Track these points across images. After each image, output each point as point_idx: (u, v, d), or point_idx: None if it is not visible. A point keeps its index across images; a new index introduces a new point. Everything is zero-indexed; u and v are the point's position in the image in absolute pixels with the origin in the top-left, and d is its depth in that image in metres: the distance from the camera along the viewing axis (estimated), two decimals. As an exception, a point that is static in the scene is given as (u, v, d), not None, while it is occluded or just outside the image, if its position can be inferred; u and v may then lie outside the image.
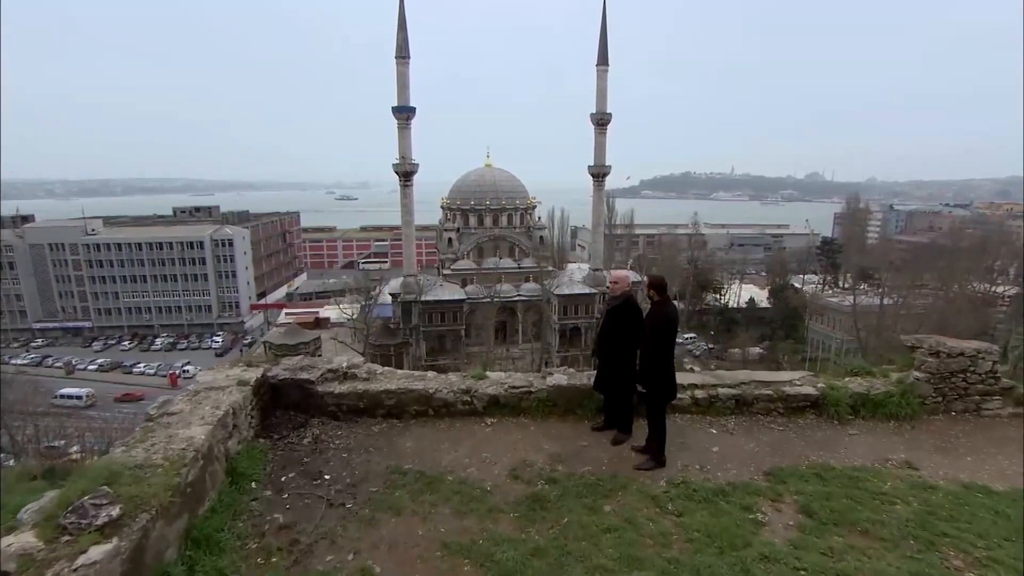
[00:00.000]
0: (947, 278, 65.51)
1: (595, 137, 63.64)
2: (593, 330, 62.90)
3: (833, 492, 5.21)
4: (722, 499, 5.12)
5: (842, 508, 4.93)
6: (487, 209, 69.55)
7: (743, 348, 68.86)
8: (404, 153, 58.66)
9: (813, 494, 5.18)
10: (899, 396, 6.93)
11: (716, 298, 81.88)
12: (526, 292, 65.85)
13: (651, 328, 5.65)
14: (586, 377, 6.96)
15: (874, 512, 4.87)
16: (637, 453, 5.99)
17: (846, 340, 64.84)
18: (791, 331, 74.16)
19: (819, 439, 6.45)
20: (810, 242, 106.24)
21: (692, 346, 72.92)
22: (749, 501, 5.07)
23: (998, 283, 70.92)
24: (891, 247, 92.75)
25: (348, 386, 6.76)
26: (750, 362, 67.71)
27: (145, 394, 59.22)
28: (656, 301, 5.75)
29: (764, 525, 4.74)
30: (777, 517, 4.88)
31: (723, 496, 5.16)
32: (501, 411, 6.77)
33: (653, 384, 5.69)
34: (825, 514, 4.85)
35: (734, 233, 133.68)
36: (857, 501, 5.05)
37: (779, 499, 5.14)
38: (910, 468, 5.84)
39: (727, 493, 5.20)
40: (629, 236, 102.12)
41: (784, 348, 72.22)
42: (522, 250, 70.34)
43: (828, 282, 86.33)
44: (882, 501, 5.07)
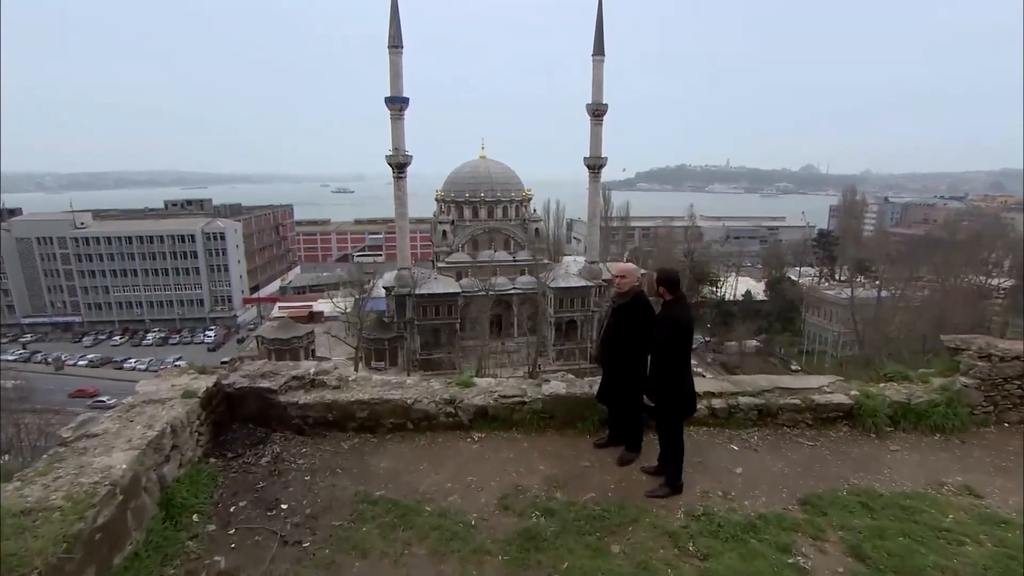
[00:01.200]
0: (943, 271, 65.12)
1: (591, 128, 62.70)
2: (589, 324, 62.23)
3: (885, 527, 4.36)
4: (753, 536, 4.27)
5: (900, 550, 4.08)
6: (482, 201, 68.49)
7: (740, 341, 68.35)
8: (398, 144, 57.61)
9: (862, 530, 4.33)
10: (945, 405, 6.09)
11: (712, 291, 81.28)
12: (521, 285, 64.97)
13: (662, 332, 4.79)
14: (587, 385, 6.10)
15: (941, 556, 4.02)
16: (648, 476, 5.15)
17: (843, 333, 64.48)
18: (788, 324, 73.74)
19: (857, 456, 5.60)
20: (806, 234, 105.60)
21: (688, 339, 72.05)
22: (786, 539, 4.22)
23: (993, 276, 70.65)
24: (887, 239, 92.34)
25: (315, 395, 5.88)
26: (747, 355, 67.37)
27: (99, 390, 57.01)
28: (668, 300, 4.88)
29: (807, 573, 3.89)
30: (822, 561, 4.03)
31: (754, 532, 4.31)
32: (490, 424, 5.91)
33: (665, 398, 4.83)
34: (881, 558, 4.00)
35: (730, 225, 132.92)
36: (917, 540, 4.20)
37: (821, 536, 4.29)
38: (971, 495, 4.98)
39: (758, 528, 4.35)
40: (625, 228, 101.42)
41: (781, 341, 71.86)
42: (517, 243, 69.39)
43: (824, 275, 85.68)
44: (947, 540, 4.22)
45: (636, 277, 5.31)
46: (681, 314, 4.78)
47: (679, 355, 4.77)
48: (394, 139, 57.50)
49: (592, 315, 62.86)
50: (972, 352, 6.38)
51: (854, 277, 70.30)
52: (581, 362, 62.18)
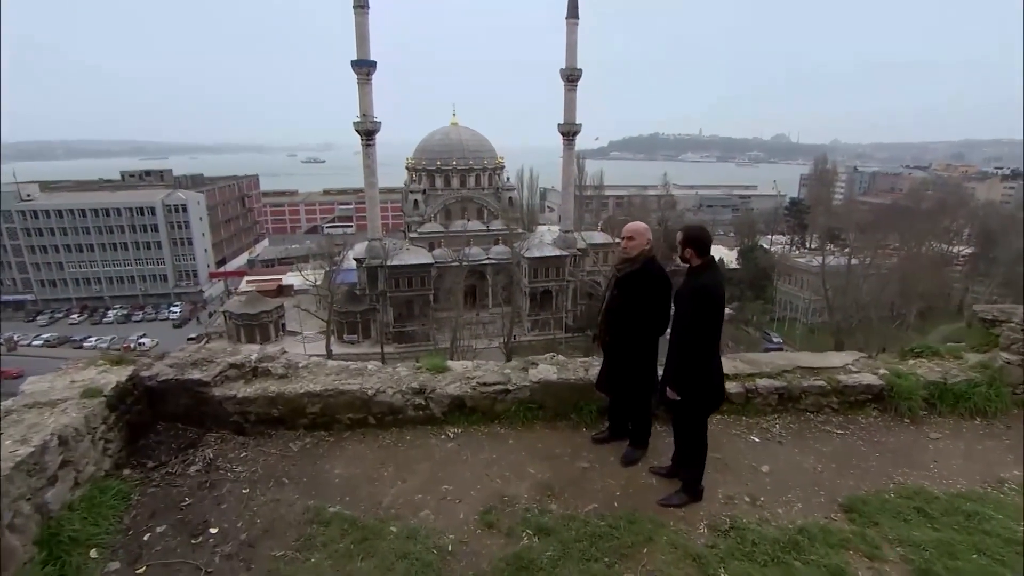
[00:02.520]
0: (909, 239, 66.24)
1: (565, 94, 61.13)
2: (563, 294, 61.68)
3: (952, 541, 3.60)
4: (796, 557, 3.47)
5: (977, 571, 3.32)
6: (454, 170, 66.63)
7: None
8: (365, 110, 55.29)
9: (925, 545, 3.57)
10: (986, 385, 5.37)
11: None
12: (495, 255, 63.82)
13: (689, 307, 3.86)
14: (582, 368, 5.21)
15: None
16: (659, 478, 4.31)
17: (813, 300, 65.39)
18: (760, 291, 74.29)
19: (895, 447, 4.85)
20: (777, 203, 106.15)
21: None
22: (836, 560, 3.43)
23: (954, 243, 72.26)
24: (856, 208, 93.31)
25: (258, 387, 4.87)
26: (721, 323, 67.70)
27: (23, 370, 46.15)
28: (695, 266, 3.94)
29: (874, 609, 3.11)
30: (886, 590, 3.25)
31: (797, 552, 3.51)
32: (468, 418, 4.98)
33: (692, 389, 3.93)
34: (959, 585, 3.23)
35: (703, 194, 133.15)
36: (995, 558, 3.44)
37: (878, 555, 3.51)
38: None
39: (801, 547, 3.55)
40: (599, 197, 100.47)
41: (754, 308, 72.47)
42: (491, 212, 67.98)
43: (796, 243, 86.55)
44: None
45: (647, 239, 4.36)
46: (713, 284, 3.83)
47: (709, 336, 3.86)
48: (362, 105, 55.16)
49: (567, 285, 62.32)
50: (1014, 324, 5.66)
51: (825, 245, 71.00)
52: (556, 332, 61.88)
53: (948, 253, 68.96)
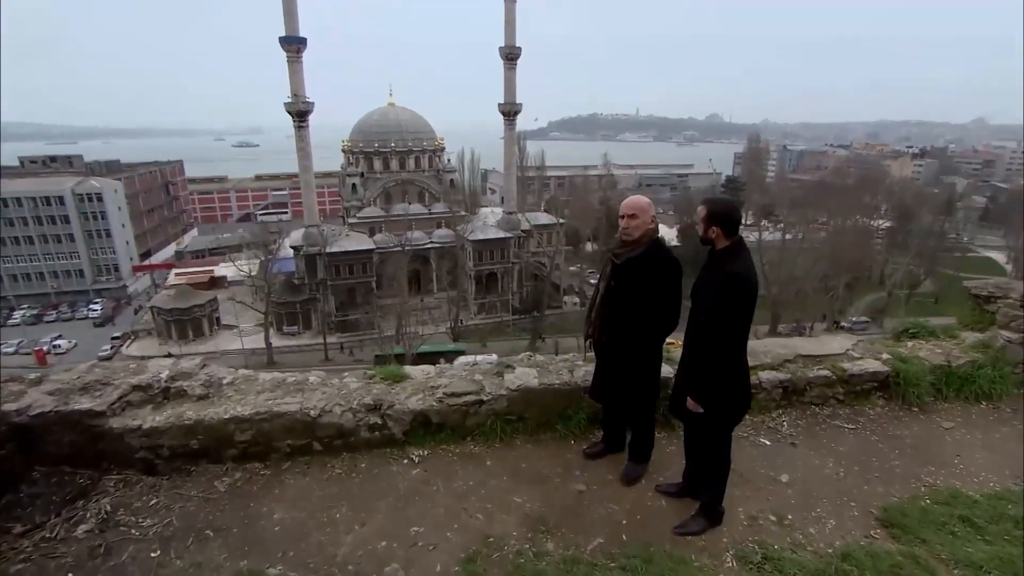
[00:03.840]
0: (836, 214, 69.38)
1: (504, 72, 59.97)
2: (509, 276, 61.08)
3: (1008, 555, 3.14)
4: None
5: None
6: (392, 152, 64.33)
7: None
8: (297, 90, 52.36)
9: (982, 563, 3.08)
10: (991, 367, 5.02)
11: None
12: (439, 239, 62.36)
13: (719, 300, 3.11)
14: (566, 370, 4.48)
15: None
16: (668, 498, 3.66)
17: (751, 274, 67.47)
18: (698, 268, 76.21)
19: (912, 442, 4.41)
20: (714, 181, 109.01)
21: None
22: None
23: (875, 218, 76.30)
24: (787, 185, 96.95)
25: (171, 413, 3.89)
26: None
27: None
28: (722, 248, 3.24)
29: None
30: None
31: None
32: (434, 437, 4.17)
33: (718, 397, 3.27)
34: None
35: (642, 173, 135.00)
36: None
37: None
38: None
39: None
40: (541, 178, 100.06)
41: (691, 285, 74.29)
42: (432, 195, 66.26)
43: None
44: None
45: (651, 216, 3.64)
46: (747, 271, 3.13)
47: (741, 334, 3.19)
48: (292, 84, 52.15)
49: (512, 266, 61.72)
50: (1012, 301, 5.34)
51: (760, 221, 73.34)
52: (503, 314, 61.36)
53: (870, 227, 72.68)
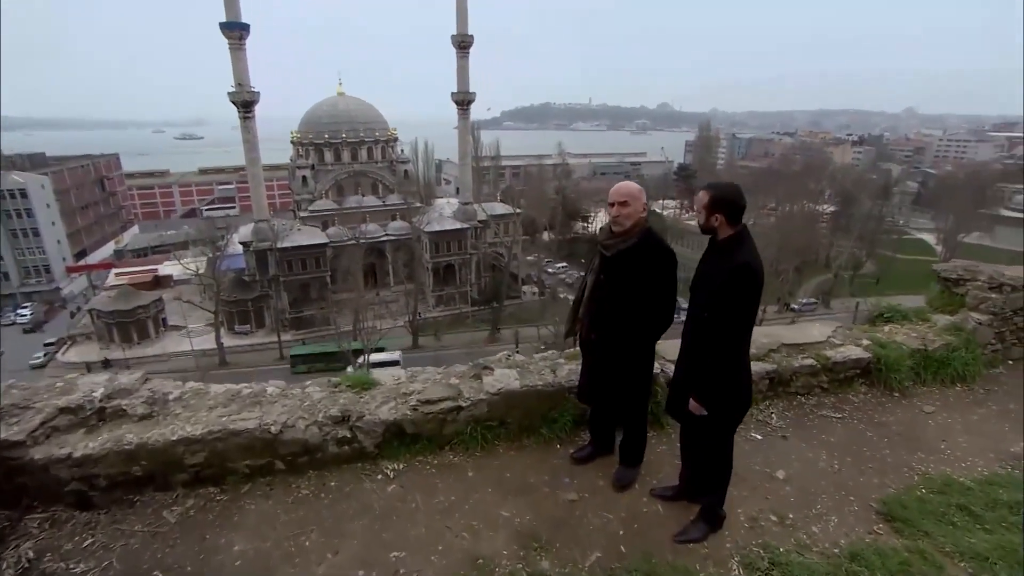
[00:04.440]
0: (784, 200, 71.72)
1: (457, 61, 59.04)
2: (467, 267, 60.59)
3: (1009, 543, 3.10)
4: None
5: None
6: (344, 143, 62.57)
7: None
8: (241, 79, 50.01)
9: (987, 554, 3.04)
10: (964, 349, 5.04)
11: (584, 226, 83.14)
12: (394, 231, 61.16)
13: (725, 293, 2.88)
14: (548, 370, 4.21)
15: None
16: (664, 502, 3.45)
17: (706, 260, 69.08)
18: (656, 255, 77.59)
19: (897, 428, 4.39)
20: (666, 169, 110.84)
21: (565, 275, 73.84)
22: None
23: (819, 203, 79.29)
24: (737, 172, 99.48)
25: (108, 438, 3.42)
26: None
27: None
28: (725, 238, 2.99)
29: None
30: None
31: None
32: (409, 448, 3.85)
33: (723, 398, 3.06)
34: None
35: (596, 162, 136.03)
36: None
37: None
38: None
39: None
40: (496, 168, 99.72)
41: (651, 271, 75.60)
42: (386, 186, 64.91)
43: (686, 206, 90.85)
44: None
45: (643, 204, 3.38)
46: (754, 261, 2.92)
47: (746, 330, 2.98)
48: (236, 73, 49.79)
49: (470, 258, 61.20)
50: (981, 283, 5.38)
51: (712, 207, 74.88)
52: (462, 306, 60.86)
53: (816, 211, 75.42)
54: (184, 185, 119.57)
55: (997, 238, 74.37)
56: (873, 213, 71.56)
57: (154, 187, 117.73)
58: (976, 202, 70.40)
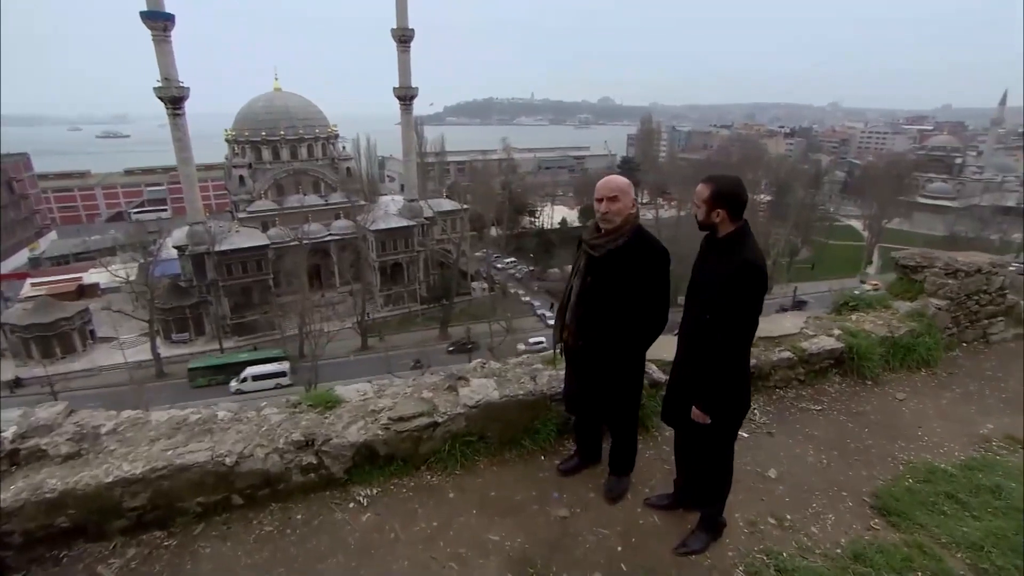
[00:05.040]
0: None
1: (398, 55, 57.87)
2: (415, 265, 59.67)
3: (998, 529, 3.13)
4: None
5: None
6: (282, 140, 60.24)
7: (561, 267, 71.34)
8: (167, 74, 47.16)
9: (981, 543, 3.05)
10: (927, 335, 5.13)
11: (531, 221, 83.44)
12: (338, 230, 59.50)
13: (729, 293, 2.69)
14: (527, 377, 3.98)
15: None
16: (660, 512, 3.28)
17: (650, 251, 70.60)
18: (602, 247, 78.67)
19: (875, 417, 4.44)
20: (610, 162, 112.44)
21: (514, 270, 73.94)
22: None
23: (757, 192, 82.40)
24: (678, 164, 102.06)
25: (23, 486, 2.93)
26: (569, 280, 70.57)
27: None
28: (726, 235, 2.80)
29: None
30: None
31: None
32: (383, 471, 3.52)
33: (726, 404, 2.89)
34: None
35: (541, 156, 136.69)
36: None
37: (944, 568, 2.90)
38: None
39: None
40: (441, 164, 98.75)
41: (598, 264, 76.59)
42: (328, 184, 63.01)
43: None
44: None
45: (632, 200, 3.14)
46: (757, 257, 2.76)
47: (752, 329, 2.81)
48: (162, 67, 46.92)
49: (417, 255, 60.29)
50: (938, 269, 5.51)
51: (656, 199, 76.74)
52: (411, 304, 59.93)
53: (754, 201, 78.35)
54: (108, 187, 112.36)
55: (915, 223, 79.55)
56: (806, 202, 74.88)
57: (74, 189, 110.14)
58: (895, 190, 74.80)
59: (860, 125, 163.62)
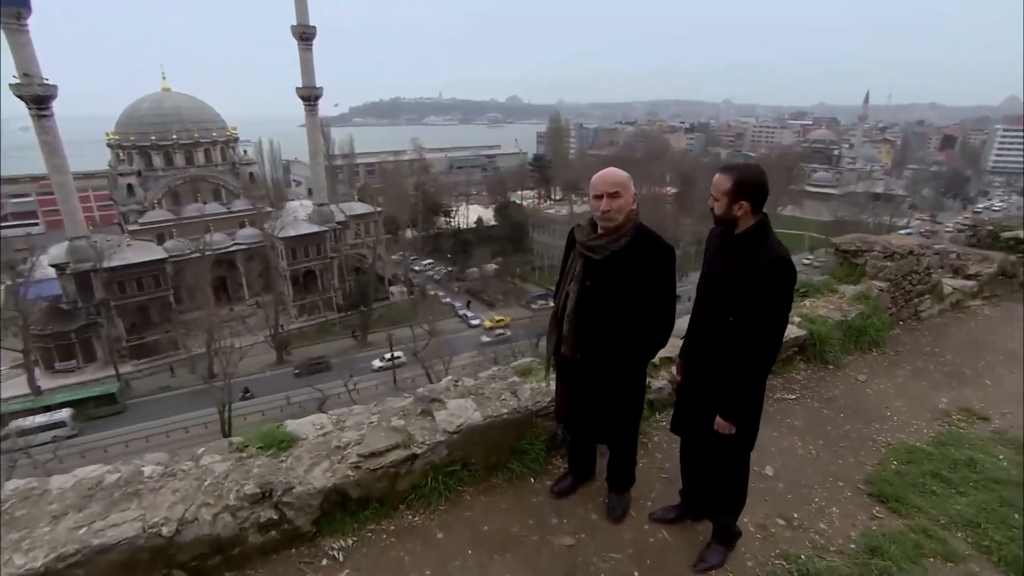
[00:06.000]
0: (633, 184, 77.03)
1: (300, 54, 55.28)
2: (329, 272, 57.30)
3: (984, 502, 3.25)
4: None
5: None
6: (175, 145, 55.73)
7: (480, 266, 71.21)
8: (27, 69, 41.84)
9: (976, 520, 3.11)
10: (874, 316, 5.31)
11: (447, 221, 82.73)
12: (244, 239, 55.97)
13: (760, 293, 2.47)
14: (509, 392, 3.64)
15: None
16: (668, 525, 3.07)
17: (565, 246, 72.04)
18: (519, 245, 79.30)
19: (844, 401, 4.52)
20: (521, 160, 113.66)
21: (432, 271, 73.07)
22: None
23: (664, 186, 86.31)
24: (588, 161, 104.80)
25: None
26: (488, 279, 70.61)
27: None
28: (746, 230, 2.58)
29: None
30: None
31: None
32: (357, 517, 3.03)
33: (751, 411, 2.70)
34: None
35: (452, 156, 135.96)
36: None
37: (951, 551, 2.91)
38: (979, 418, 4.31)
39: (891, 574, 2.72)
40: (350, 166, 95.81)
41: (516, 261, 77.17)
42: (230, 191, 59.13)
43: (543, 196, 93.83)
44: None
45: (634, 195, 2.83)
46: (786, 252, 2.55)
47: (783, 331, 2.61)
48: (19, 62, 41.42)
49: (331, 261, 57.96)
50: (876, 253, 5.72)
51: (569, 195, 78.31)
52: (328, 313, 57.55)
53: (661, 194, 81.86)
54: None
55: (805, 210, 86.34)
56: (709, 193, 79.05)
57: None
58: (786, 180, 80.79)
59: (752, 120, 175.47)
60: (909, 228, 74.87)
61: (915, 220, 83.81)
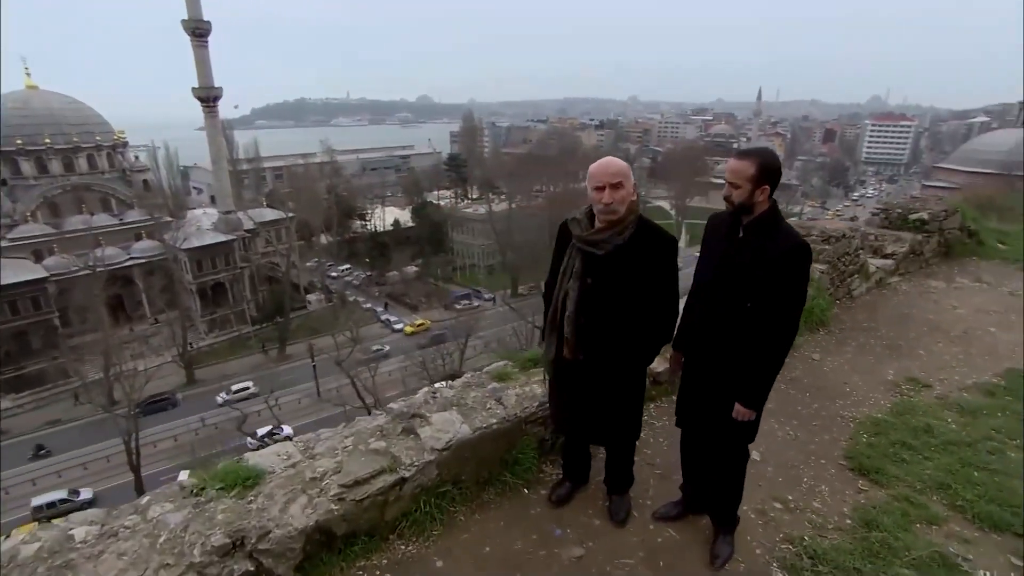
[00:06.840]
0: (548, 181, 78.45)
1: (194, 51, 51.67)
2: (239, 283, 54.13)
3: (949, 465, 3.51)
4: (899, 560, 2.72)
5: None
6: (49, 149, 50.31)
7: (399, 269, 69.90)
8: None
9: (948, 479, 3.34)
10: (819, 297, 5.56)
11: (363, 225, 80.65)
12: (142, 252, 51.65)
13: (781, 277, 2.44)
14: (494, 400, 3.46)
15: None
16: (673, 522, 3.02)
17: (486, 245, 72.17)
18: (438, 246, 78.55)
19: (807, 381, 4.73)
20: (436, 160, 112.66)
21: (350, 277, 71.02)
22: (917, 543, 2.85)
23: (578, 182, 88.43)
24: (502, 159, 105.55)
25: None
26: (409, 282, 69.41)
27: None
28: (758, 217, 2.51)
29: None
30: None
31: (892, 555, 2.82)
32: (345, 556, 2.73)
33: (763, 400, 2.68)
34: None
35: (364, 158, 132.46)
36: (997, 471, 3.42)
37: (938, 519, 3.08)
38: (924, 386, 4.65)
39: (893, 548, 2.88)
40: (256, 170, 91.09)
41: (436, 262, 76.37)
42: (121, 201, 54.41)
43: (459, 195, 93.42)
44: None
45: (635, 189, 2.69)
46: (801, 236, 2.53)
47: (800, 314, 2.58)
48: None
49: (242, 272, 54.77)
50: (815, 236, 6.01)
51: (486, 194, 78.42)
52: (241, 327, 54.36)
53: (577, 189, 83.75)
54: None
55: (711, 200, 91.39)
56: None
57: None
58: (692, 172, 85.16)
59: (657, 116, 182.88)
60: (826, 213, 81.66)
61: (807, 207, 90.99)
